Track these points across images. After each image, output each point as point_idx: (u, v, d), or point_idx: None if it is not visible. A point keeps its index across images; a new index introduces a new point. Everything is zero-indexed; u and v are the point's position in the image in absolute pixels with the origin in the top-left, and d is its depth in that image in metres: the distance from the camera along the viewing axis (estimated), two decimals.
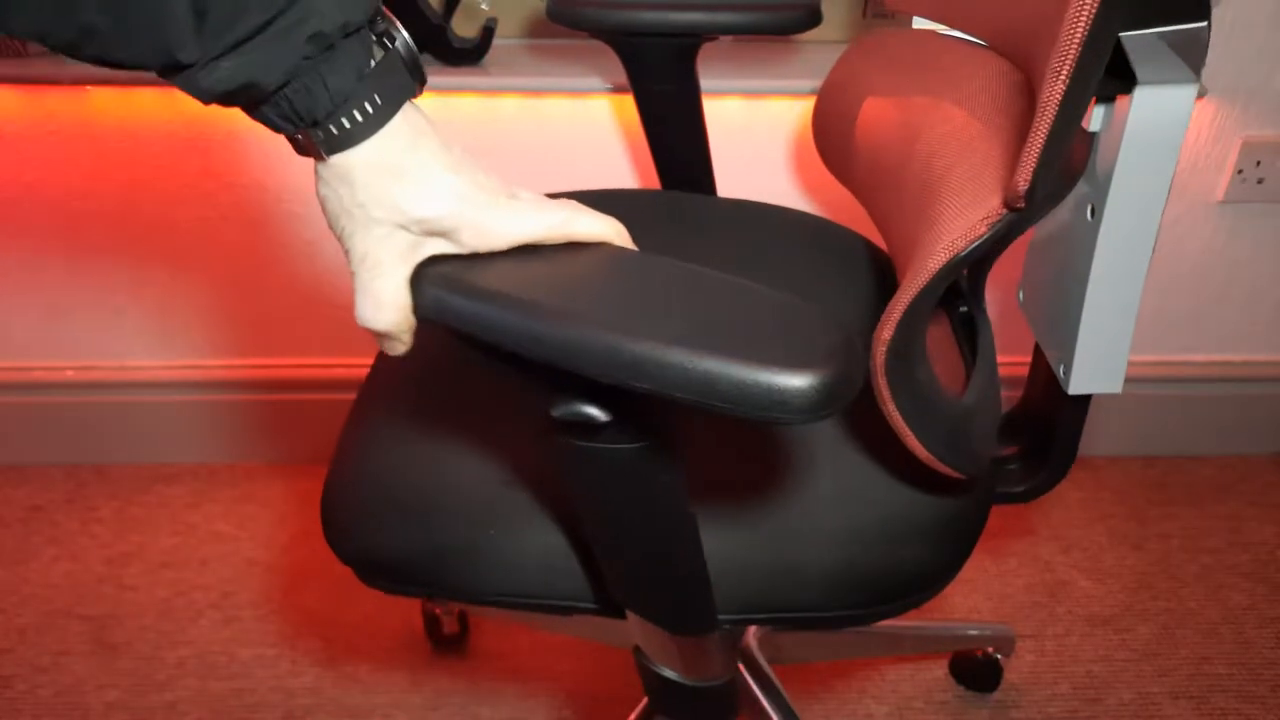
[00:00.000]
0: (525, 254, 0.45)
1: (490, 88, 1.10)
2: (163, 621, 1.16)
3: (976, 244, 0.49)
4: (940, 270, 0.50)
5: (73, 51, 0.38)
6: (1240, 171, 1.18)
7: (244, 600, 1.18)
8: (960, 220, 0.50)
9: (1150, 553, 1.26)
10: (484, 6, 1.10)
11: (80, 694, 1.08)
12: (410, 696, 1.08)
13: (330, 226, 0.45)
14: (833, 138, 0.82)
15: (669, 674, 0.64)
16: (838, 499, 0.62)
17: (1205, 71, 1.11)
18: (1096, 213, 0.55)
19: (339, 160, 0.42)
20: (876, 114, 0.73)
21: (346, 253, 0.44)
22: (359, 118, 0.41)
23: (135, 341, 1.30)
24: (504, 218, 0.44)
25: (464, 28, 1.10)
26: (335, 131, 0.41)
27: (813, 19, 0.87)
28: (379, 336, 0.46)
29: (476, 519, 0.62)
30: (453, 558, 0.61)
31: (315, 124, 0.41)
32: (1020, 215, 0.49)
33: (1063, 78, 0.44)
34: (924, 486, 0.63)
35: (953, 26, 0.70)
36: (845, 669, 1.11)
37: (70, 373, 1.31)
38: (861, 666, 1.11)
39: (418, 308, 0.44)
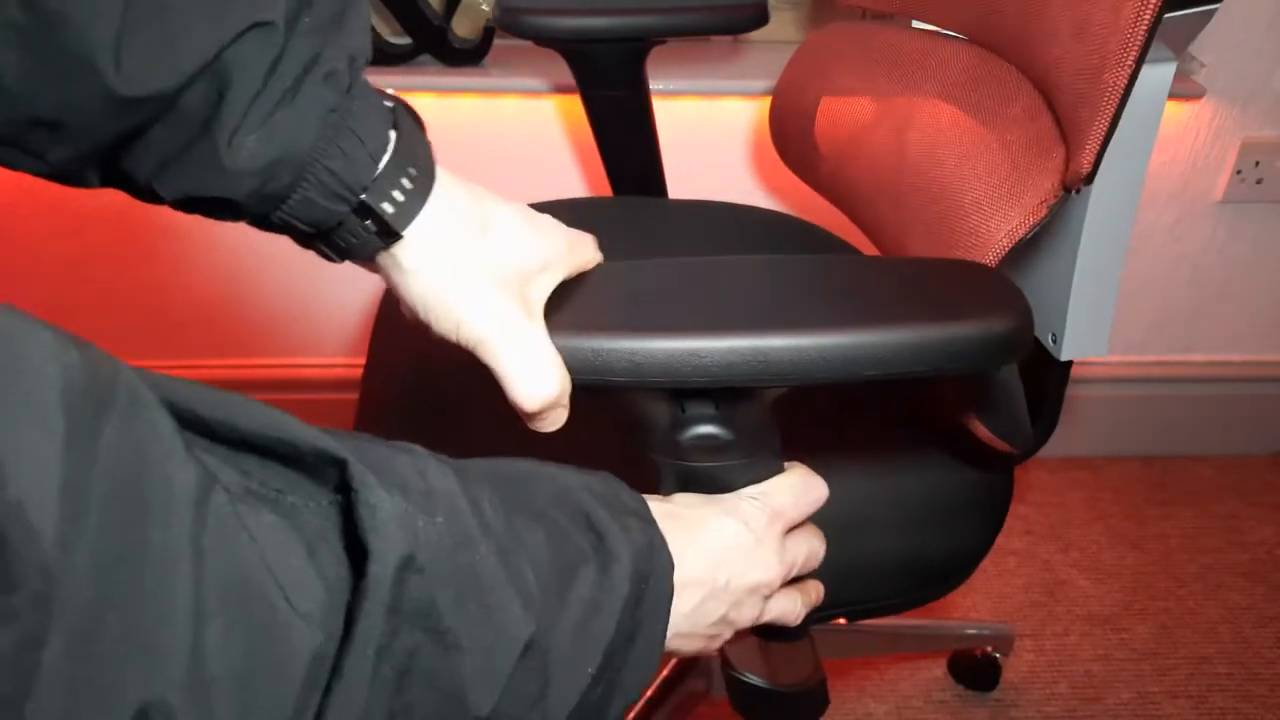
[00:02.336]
0: (592, 288, 0.43)
1: (492, 89, 1.10)
2: None
3: (1036, 225, 0.52)
4: (1005, 255, 0.52)
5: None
6: (1239, 172, 1.19)
7: None
8: (1014, 206, 0.52)
9: (1149, 552, 1.27)
10: (484, 7, 1.10)
11: None
12: None
13: (433, 328, 0.40)
14: (792, 135, 0.82)
15: (757, 681, 0.64)
16: (894, 487, 0.64)
17: (1204, 72, 1.12)
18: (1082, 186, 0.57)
19: (415, 235, 0.38)
20: (842, 111, 0.74)
21: (471, 345, 0.40)
22: (414, 172, 0.38)
23: (135, 341, 1.30)
24: (570, 241, 0.43)
25: (464, 28, 1.10)
26: (398, 201, 0.37)
27: (760, 18, 0.87)
28: (539, 416, 0.41)
29: None
30: None
31: (365, 199, 0.37)
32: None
33: (1128, 65, 0.46)
34: (966, 464, 0.65)
35: (924, 20, 0.71)
36: (844, 668, 1.11)
37: None
38: (860, 665, 1.11)
39: (571, 363, 0.40)
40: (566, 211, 0.96)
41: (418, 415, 0.70)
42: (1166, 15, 0.56)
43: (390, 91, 0.40)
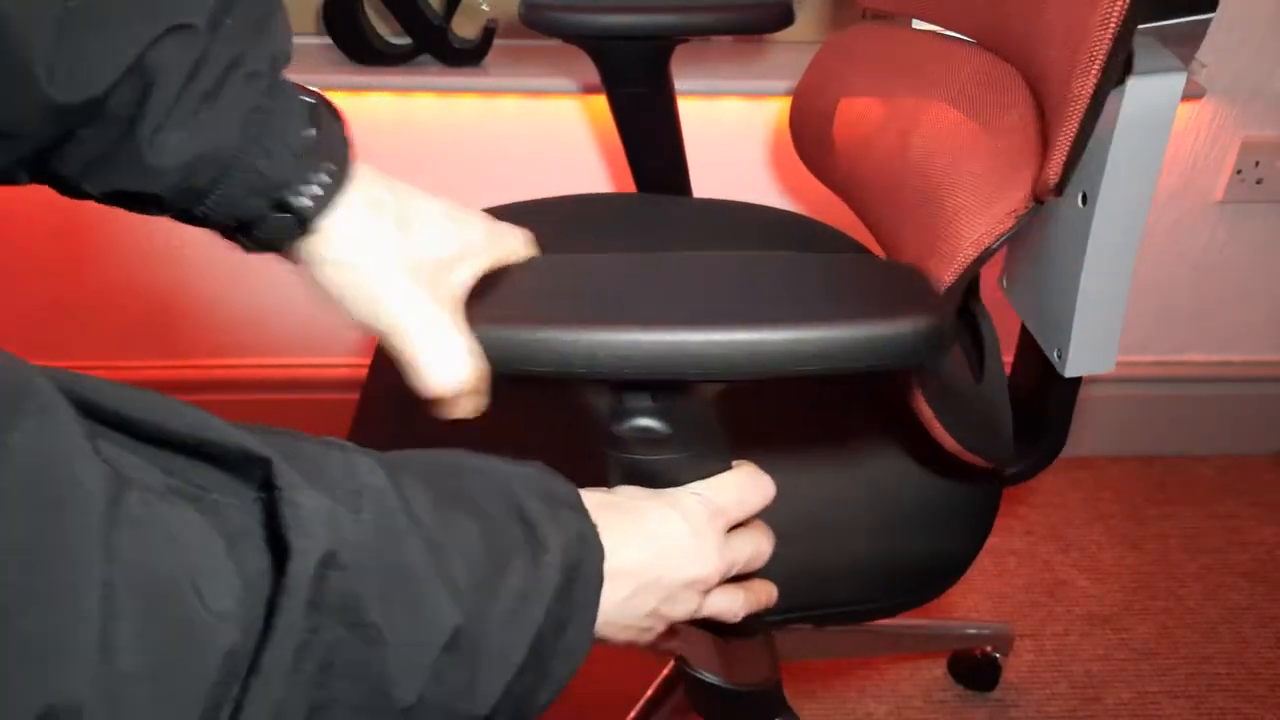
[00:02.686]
0: (522, 279, 0.44)
1: (492, 89, 1.10)
2: None
3: (1003, 237, 0.51)
4: (970, 265, 0.52)
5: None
6: (1239, 172, 1.19)
7: None
8: (983, 215, 0.52)
9: (1149, 552, 1.27)
10: (484, 7, 1.10)
11: None
12: None
13: (350, 313, 0.41)
14: (811, 137, 0.82)
15: (713, 680, 0.64)
16: (868, 494, 0.63)
17: (1204, 72, 1.12)
18: (1089, 199, 0.56)
19: (332, 228, 0.39)
20: (858, 112, 0.74)
21: (384, 333, 0.41)
22: (332, 167, 0.39)
23: (136, 341, 1.30)
24: (491, 233, 0.44)
25: (464, 28, 1.10)
26: (317, 195, 0.39)
27: (785, 18, 0.87)
28: (453, 403, 0.42)
29: None
30: None
31: (285, 194, 0.38)
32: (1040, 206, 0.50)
33: (1094, 73, 0.45)
34: (946, 475, 0.64)
35: (936, 23, 0.71)
36: (844, 668, 1.11)
37: None
38: (860, 666, 1.11)
39: (492, 352, 0.41)
40: (582, 206, 0.97)
41: (417, 416, 0.70)
42: (1157, 25, 0.55)
43: (311, 88, 0.41)
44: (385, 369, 0.75)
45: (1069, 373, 0.61)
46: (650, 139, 0.94)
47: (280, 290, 1.26)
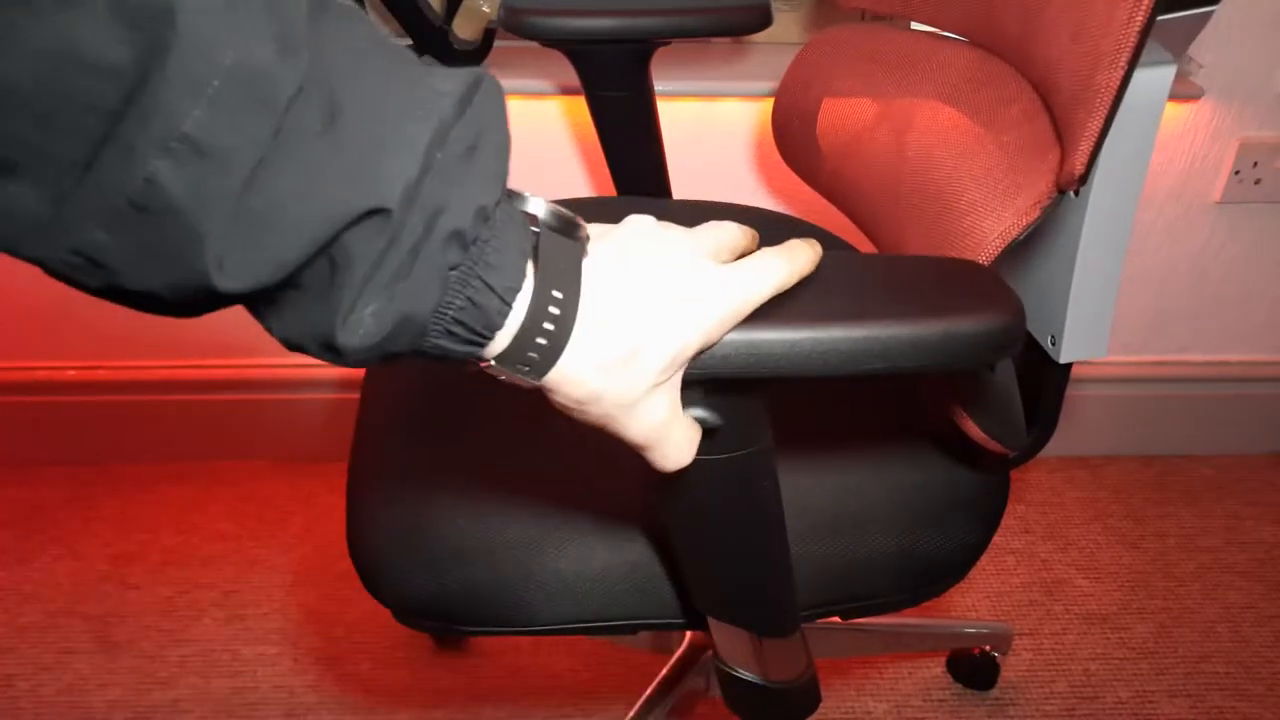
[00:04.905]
0: None
1: None
2: (165, 620, 1.16)
3: (1029, 227, 0.52)
4: (997, 258, 0.52)
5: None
6: (1237, 172, 1.19)
7: (246, 599, 1.19)
8: (1006, 209, 0.52)
9: (1147, 551, 1.27)
10: (485, 8, 1.10)
11: (83, 692, 1.08)
12: (412, 695, 1.08)
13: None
14: (795, 137, 0.82)
15: (751, 678, 0.65)
16: (891, 487, 0.64)
17: (1203, 73, 1.12)
18: (1080, 190, 0.57)
19: (559, 378, 0.36)
20: (844, 111, 0.74)
21: (624, 439, 0.39)
22: (555, 312, 0.34)
23: (137, 341, 1.30)
24: (725, 318, 0.39)
25: (465, 30, 1.10)
26: (543, 347, 0.34)
27: (764, 19, 0.87)
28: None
29: (526, 546, 0.60)
30: (506, 591, 0.59)
31: (491, 341, 0.34)
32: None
33: (1120, 65, 0.46)
34: (961, 463, 0.65)
35: (925, 22, 0.71)
36: (844, 667, 1.11)
37: (72, 372, 1.32)
38: (860, 664, 1.12)
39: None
40: (572, 210, 0.97)
41: (419, 414, 0.70)
42: (1164, 17, 0.56)
43: (529, 196, 0.37)
44: (385, 369, 0.76)
45: (1064, 359, 0.62)
46: (630, 141, 0.94)
47: None
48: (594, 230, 0.39)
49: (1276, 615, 1.18)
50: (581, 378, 0.36)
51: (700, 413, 0.42)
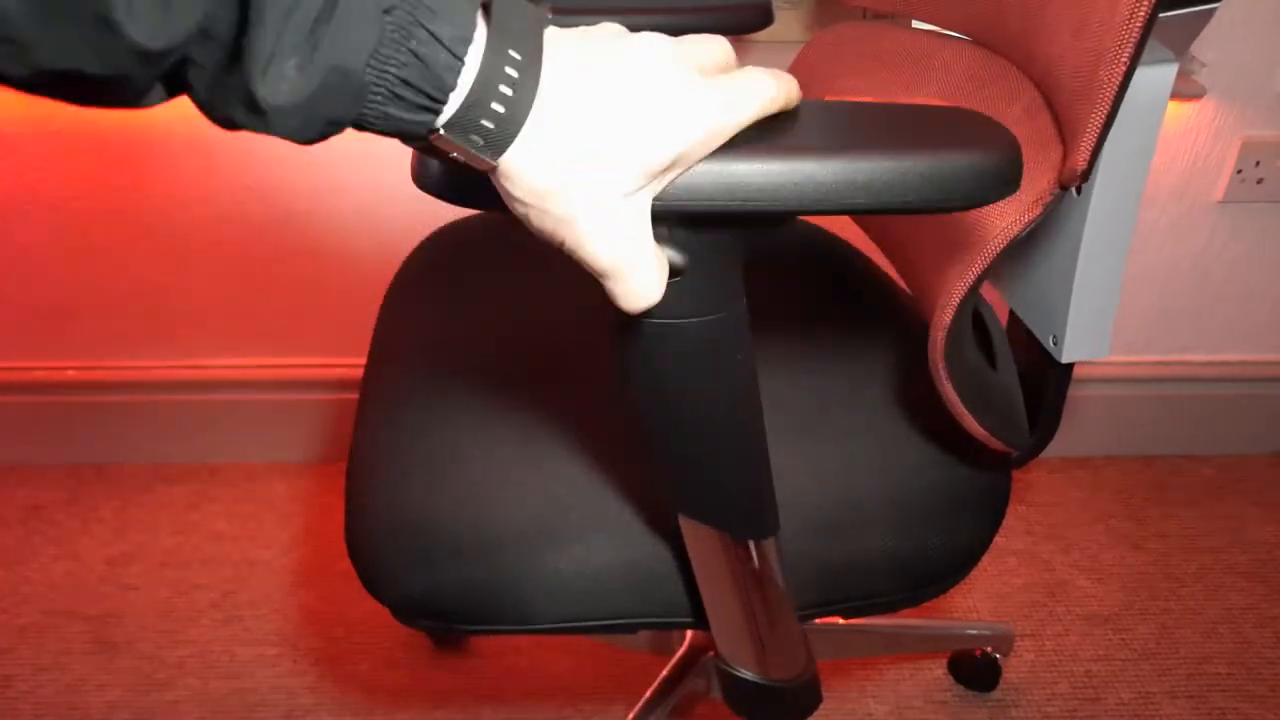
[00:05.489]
0: None
1: None
2: (163, 621, 1.16)
3: (1032, 223, 0.52)
4: (1000, 252, 0.52)
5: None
6: (1239, 171, 1.19)
7: (245, 600, 1.19)
8: (1009, 204, 0.53)
9: (1149, 552, 1.27)
10: None
11: (81, 693, 1.08)
12: (411, 696, 1.08)
13: (541, 237, 0.36)
14: None
15: (751, 677, 0.64)
16: (895, 485, 0.64)
17: (1205, 72, 1.12)
18: (1083, 189, 0.57)
19: (515, 162, 0.32)
20: None
21: (585, 261, 0.35)
22: (513, 74, 0.31)
23: (136, 341, 1.30)
24: (711, 131, 0.35)
25: None
26: (499, 115, 0.31)
27: (764, 18, 0.86)
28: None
29: (524, 545, 0.59)
30: (505, 590, 0.59)
31: (445, 106, 0.31)
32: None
33: (1123, 61, 0.46)
34: (965, 462, 0.65)
35: (926, 20, 0.71)
36: (845, 668, 1.11)
37: (71, 372, 1.32)
38: (861, 666, 1.11)
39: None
40: None
41: (418, 414, 0.70)
42: (1166, 15, 0.56)
43: None
44: (385, 369, 0.75)
45: (1066, 358, 0.62)
46: None
47: (281, 290, 1.26)
48: (563, 32, 0.35)
49: (1278, 616, 1.18)
50: (537, 168, 0.32)
51: (667, 251, 0.38)
